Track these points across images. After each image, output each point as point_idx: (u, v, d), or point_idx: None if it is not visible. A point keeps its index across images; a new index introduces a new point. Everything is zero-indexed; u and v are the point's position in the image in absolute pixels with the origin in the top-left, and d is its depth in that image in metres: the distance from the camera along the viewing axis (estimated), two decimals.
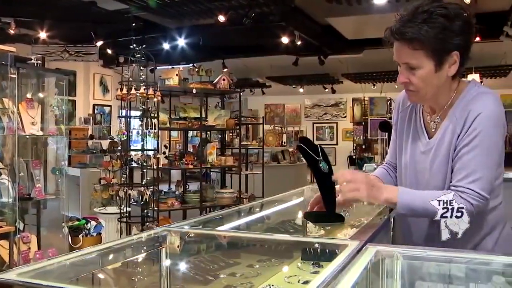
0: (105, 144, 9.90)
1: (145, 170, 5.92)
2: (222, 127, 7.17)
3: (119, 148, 6.32)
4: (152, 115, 5.91)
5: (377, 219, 1.83)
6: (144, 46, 6.22)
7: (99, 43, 8.78)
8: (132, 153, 6.06)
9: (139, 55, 5.84)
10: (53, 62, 8.98)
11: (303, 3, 7.40)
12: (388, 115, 9.68)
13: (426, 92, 1.66)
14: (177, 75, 6.53)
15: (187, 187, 7.15)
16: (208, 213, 3.09)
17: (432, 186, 1.70)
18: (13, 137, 4.15)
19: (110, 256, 1.40)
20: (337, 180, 1.67)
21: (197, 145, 7.28)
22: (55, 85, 5.11)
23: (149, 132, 5.85)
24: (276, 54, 9.76)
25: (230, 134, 8.61)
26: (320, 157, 1.70)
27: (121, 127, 5.95)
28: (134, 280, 1.56)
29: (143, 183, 5.86)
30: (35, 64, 4.78)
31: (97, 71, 11.87)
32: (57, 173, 4.78)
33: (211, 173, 8.28)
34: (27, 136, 4.41)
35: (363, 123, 11.20)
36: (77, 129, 10.69)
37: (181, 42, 8.90)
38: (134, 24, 7.08)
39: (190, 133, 8.56)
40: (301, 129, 15.87)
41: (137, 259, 1.56)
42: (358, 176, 1.65)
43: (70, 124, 10.61)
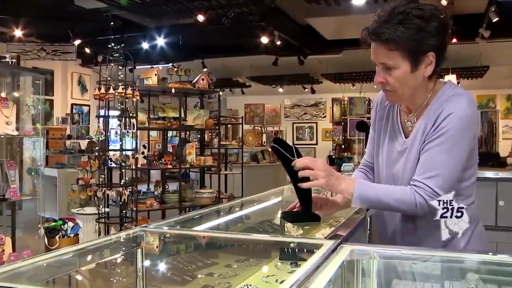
0: (84, 144, 9.80)
1: (124, 170, 5.87)
2: (201, 127, 7.15)
3: (97, 148, 6.26)
4: (131, 115, 5.87)
5: (354, 218, 1.84)
6: (123, 45, 6.18)
7: (77, 42, 8.67)
8: (111, 153, 6.01)
9: (118, 55, 5.79)
10: (30, 61, 8.83)
11: (283, 3, 7.41)
12: (367, 115, 9.75)
13: (403, 92, 1.68)
14: (156, 75, 6.49)
15: (167, 187, 7.11)
16: (187, 213, 3.07)
17: (406, 184, 1.71)
18: None
19: (85, 257, 1.38)
20: (295, 166, 1.66)
21: (176, 145, 7.25)
22: (32, 84, 5.03)
23: (128, 132, 5.81)
24: (256, 54, 9.76)
25: (210, 134, 8.58)
26: (295, 157, 1.70)
27: (99, 127, 5.89)
28: (110, 281, 1.54)
29: (122, 184, 5.81)
30: (10, 63, 4.70)
31: (75, 70, 11.73)
32: (33, 174, 4.71)
33: (191, 173, 8.25)
34: (2, 136, 4.34)
35: (343, 123, 11.25)
36: (55, 129, 10.56)
37: (161, 42, 8.84)
38: (113, 23, 7.00)
39: (170, 133, 8.52)
40: (281, 129, 15.90)
41: (113, 260, 1.54)
42: (318, 163, 1.65)
43: (48, 124, 10.49)
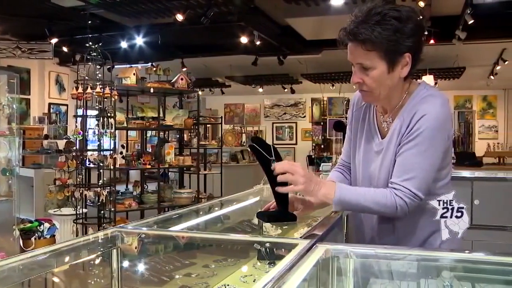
0: (61, 144, 9.67)
1: (102, 171, 5.82)
2: (180, 127, 7.12)
3: (75, 148, 6.19)
4: (109, 115, 5.82)
5: (331, 218, 1.85)
6: (101, 44, 6.12)
7: (54, 41, 8.55)
8: (89, 153, 5.95)
9: (96, 54, 5.74)
10: (5, 59, 8.70)
11: (262, 3, 7.41)
12: (346, 115, 9.82)
13: (380, 93, 1.69)
14: (134, 74, 6.45)
15: (146, 188, 7.07)
16: (165, 213, 3.05)
17: (382, 184, 1.73)
18: None
19: (59, 258, 1.36)
20: (275, 171, 1.64)
21: (155, 145, 7.21)
22: (7, 83, 4.95)
23: (106, 132, 5.75)
24: (236, 54, 9.75)
25: (189, 134, 8.55)
26: (273, 157, 1.70)
27: (77, 127, 5.83)
28: (85, 282, 1.52)
29: (100, 184, 5.76)
30: None
31: (53, 69, 11.57)
32: (8, 174, 4.64)
33: (170, 173, 8.21)
34: None
35: (322, 123, 11.31)
36: (32, 129, 10.40)
37: (139, 41, 8.77)
38: (90, 22, 6.92)
39: (149, 133, 8.47)
40: (261, 129, 15.92)
41: (88, 261, 1.52)
42: (297, 168, 1.64)
43: (24, 124, 10.34)
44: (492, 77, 11.53)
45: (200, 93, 12.42)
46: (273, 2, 7.20)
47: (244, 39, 8.23)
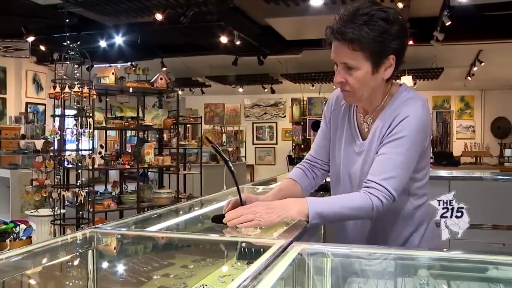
0: (39, 144, 9.55)
1: (80, 171, 5.76)
2: (160, 127, 7.08)
3: (52, 148, 6.12)
4: (87, 114, 5.76)
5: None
6: (79, 43, 6.05)
7: (31, 39, 8.42)
8: (67, 153, 5.89)
9: (74, 53, 5.68)
10: None
11: (242, 3, 7.41)
12: None
13: (362, 94, 1.69)
14: (113, 74, 6.39)
15: (125, 188, 7.01)
16: (142, 213, 3.02)
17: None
18: None
19: (32, 260, 1.33)
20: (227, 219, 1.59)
21: (134, 145, 7.16)
22: None
23: (84, 132, 5.70)
24: (216, 54, 9.73)
25: (169, 134, 8.51)
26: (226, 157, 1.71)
27: (54, 127, 5.77)
28: (59, 285, 1.50)
29: (78, 184, 5.70)
30: None
31: (30, 68, 11.41)
32: None
33: (150, 173, 8.16)
34: None
35: (302, 123, 11.38)
36: (8, 129, 10.25)
37: (119, 40, 8.69)
38: (68, 20, 6.84)
39: (129, 133, 8.40)
40: (241, 129, 15.91)
41: (62, 262, 1.50)
42: (252, 208, 1.59)
43: (0, 123, 10.18)
44: (469, 78, 11.69)
45: (180, 93, 12.36)
46: (253, 2, 7.19)
47: (224, 39, 8.22)
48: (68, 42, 5.83)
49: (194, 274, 1.58)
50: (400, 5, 6.21)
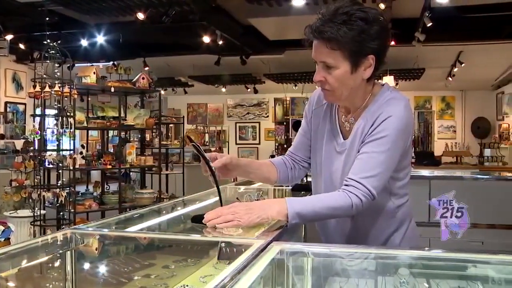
0: (19, 144, 9.43)
1: (61, 171, 5.70)
2: (142, 127, 7.03)
3: (32, 148, 6.04)
4: (68, 114, 5.70)
5: None
6: (60, 42, 5.98)
7: (9, 37, 8.29)
8: (48, 153, 5.82)
9: (54, 51, 5.61)
10: None
11: (224, 3, 7.40)
12: None
13: (341, 93, 1.69)
14: (95, 73, 6.33)
15: (107, 188, 6.96)
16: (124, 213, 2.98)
17: None
18: None
19: (8, 262, 1.31)
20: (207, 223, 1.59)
21: (116, 145, 7.11)
22: None
23: (65, 132, 5.64)
24: (198, 54, 9.70)
25: (151, 134, 8.46)
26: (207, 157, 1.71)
27: (34, 126, 5.69)
28: (37, 287, 1.48)
29: (59, 185, 5.64)
30: None
31: (9, 67, 11.23)
32: None
33: (132, 174, 8.11)
34: None
35: (285, 123, 11.38)
36: None
37: (100, 39, 8.61)
38: (48, 19, 6.74)
39: (111, 133, 8.34)
40: (224, 129, 15.88)
41: (40, 264, 1.47)
42: (230, 208, 1.60)
43: None
44: (450, 79, 11.82)
45: (163, 93, 12.31)
46: (235, 2, 7.19)
47: (207, 39, 8.20)
48: (49, 41, 5.76)
49: (175, 275, 1.57)
50: (382, 6, 6.26)
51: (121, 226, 1.83)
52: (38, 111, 5.79)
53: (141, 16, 6.57)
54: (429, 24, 6.95)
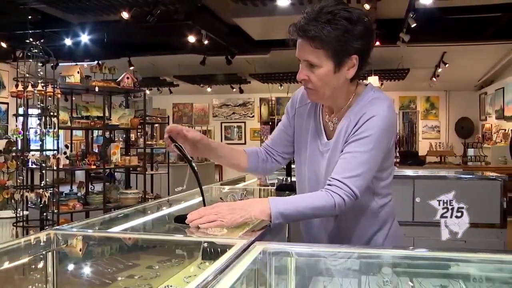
0: (1, 144, 9.32)
1: (45, 172, 5.64)
2: (126, 126, 7.00)
3: (15, 148, 5.98)
4: (52, 114, 5.65)
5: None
6: (43, 41, 5.93)
7: None
8: (31, 154, 5.76)
9: (37, 50, 5.55)
10: None
11: (210, 3, 7.39)
12: None
13: (324, 92, 1.69)
14: (79, 72, 6.27)
15: (92, 188, 6.91)
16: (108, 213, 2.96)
17: None
18: None
19: None
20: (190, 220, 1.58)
21: (101, 145, 7.07)
22: None
23: (48, 132, 5.58)
24: (184, 53, 9.68)
25: (137, 134, 8.42)
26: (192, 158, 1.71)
27: (17, 126, 5.63)
28: None
29: (42, 185, 5.59)
30: None
31: None
32: None
33: (117, 174, 8.06)
34: None
35: (270, 123, 11.41)
36: None
37: (85, 38, 8.53)
38: (31, 17, 6.67)
39: (95, 133, 8.28)
40: (209, 129, 15.85)
41: (20, 266, 1.45)
42: (213, 209, 1.59)
43: None
44: (435, 79, 11.92)
45: (148, 92, 12.25)
46: (221, 2, 7.18)
47: (192, 38, 8.18)
48: (31, 40, 5.70)
49: (159, 275, 1.56)
50: (367, 7, 6.29)
51: (105, 227, 1.82)
52: (21, 111, 5.73)
53: (126, 15, 6.53)
54: (414, 25, 7.01)
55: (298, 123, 1.90)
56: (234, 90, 13.84)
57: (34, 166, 5.80)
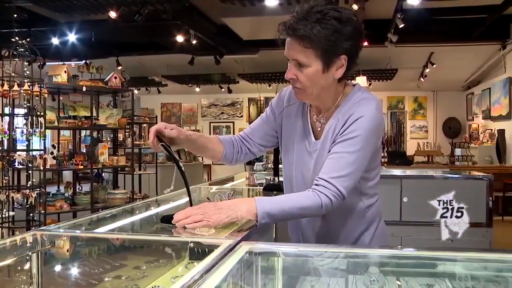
0: None
1: (31, 172, 5.59)
2: (114, 126, 6.96)
3: (1, 148, 5.92)
4: (38, 114, 5.60)
5: None
6: (29, 40, 5.88)
7: None
8: (17, 154, 5.71)
9: (23, 49, 5.50)
10: None
11: (198, 2, 7.38)
12: None
13: (312, 91, 1.68)
14: (66, 72, 6.22)
15: (80, 189, 6.86)
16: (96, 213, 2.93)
17: None
18: None
19: None
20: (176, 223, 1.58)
21: (88, 145, 7.03)
22: None
23: (35, 132, 5.54)
24: (172, 53, 9.66)
25: (125, 134, 8.38)
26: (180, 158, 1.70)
27: (2, 126, 5.58)
28: None
29: (29, 185, 5.54)
30: None
31: None
32: None
33: (105, 174, 8.01)
34: None
35: None
36: None
37: (72, 38, 8.49)
38: (17, 15, 6.61)
39: (83, 133, 8.22)
40: (198, 129, 15.81)
41: (3, 267, 1.43)
42: (200, 208, 1.59)
43: None
44: (422, 79, 12.00)
45: (136, 92, 12.21)
46: (209, 1, 7.18)
47: (180, 38, 8.17)
48: (17, 38, 5.64)
49: (147, 275, 1.55)
50: (355, 7, 6.32)
51: (92, 227, 1.80)
52: (7, 110, 5.67)
53: (113, 15, 6.50)
54: (401, 26, 7.05)
55: (286, 123, 1.90)
56: (223, 90, 13.83)
57: (21, 166, 5.76)
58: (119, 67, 9.54)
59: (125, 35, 8.95)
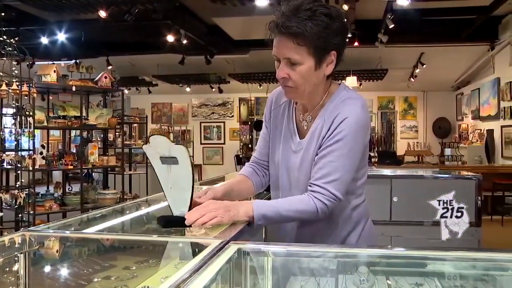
0: None
1: (20, 172, 5.55)
2: (104, 126, 6.93)
3: None
4: (27, 113, 5.56)
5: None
6: (18, 39, 5.83)
7: None
8: (5, 154, 5.67)
9: (11, 49, 5.46)
10: None
11: (188, 2, 7.36)
12: None
13: (304, 89, 1.68)
14: (55, 71, 6.19)
15: (70, 189, 6.82)
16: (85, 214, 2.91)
17: (302, 185, 1.74)
18: None
19: None
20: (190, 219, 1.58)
21: (78, 145, 6.99)
22: None
23: (24, 132, 5.50)
24: (163, 53, 9.63)
25: (115, 134, 8.34)
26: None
27: None
28: None
29: (17, 186, 5.50)
30: None
31: None
32: None
33: (95, 174, 7.97)
34: None
35: (250, 123, 11.42)
36: None
37: (62, 37, 8.43)
38: (4, 14, 6.54)
39: (73, 133, 8.18)
40: (188, 129, 15.79)
41: None
42: (209, 206, 1.60)
43: None
44: (412, 80, 12.07)
45: (126, 92, 12.15)
46: (200, 1, 7.16)
47: (171, 38, 8.14)
48: (5, 37, 5.60)
49: (136, 276, 1.54)
50: (345, 7, 6.33)
51: (81, 227, 1.79)
52: None
53: (103, 14, 6.47)
54: (391, 26, 7.08)
55: (273, 124, 1.90)
56: (214, 90, 13.81)
57: (9, 167, 5.72)
58: (109, 67, 9.49)
59: (115, 35, 8.91)
